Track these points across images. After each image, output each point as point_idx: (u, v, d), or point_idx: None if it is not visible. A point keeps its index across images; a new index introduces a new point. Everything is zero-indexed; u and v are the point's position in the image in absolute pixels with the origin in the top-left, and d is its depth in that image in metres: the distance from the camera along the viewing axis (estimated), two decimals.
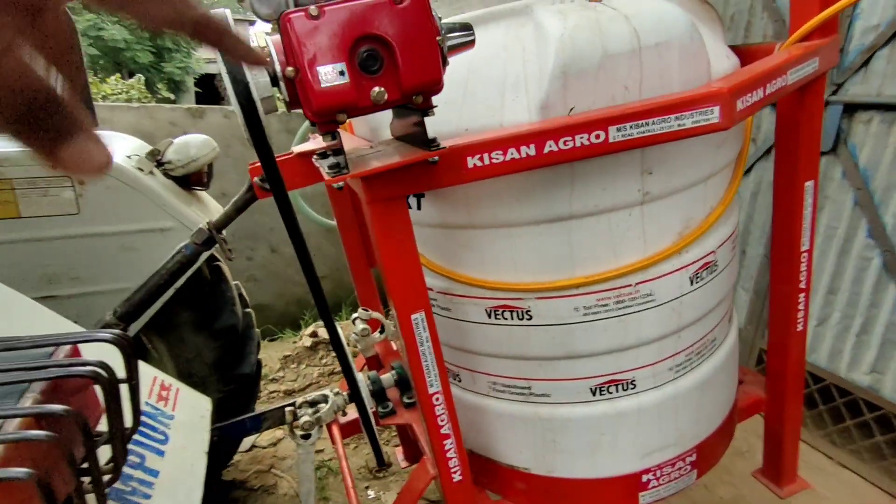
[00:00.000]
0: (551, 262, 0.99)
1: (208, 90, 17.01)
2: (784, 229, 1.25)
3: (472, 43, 0.74)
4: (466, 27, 0.73)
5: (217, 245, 1.65)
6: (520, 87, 0.91)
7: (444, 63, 0.70)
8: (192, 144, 1.71)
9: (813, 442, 2.24)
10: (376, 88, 0.66)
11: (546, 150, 0.81)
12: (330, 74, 0.62)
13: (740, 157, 1.15)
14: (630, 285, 1.00)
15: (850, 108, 2.04)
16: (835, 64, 1.10)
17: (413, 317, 0.91)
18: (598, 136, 0.80)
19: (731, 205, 1.13)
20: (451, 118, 0.95)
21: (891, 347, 1.96)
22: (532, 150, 0.80)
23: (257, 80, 0.62)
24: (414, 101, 0.69)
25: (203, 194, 1.94)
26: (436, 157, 0.76)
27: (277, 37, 0.64)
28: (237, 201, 1.54)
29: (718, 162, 1.02)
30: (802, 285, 1.28)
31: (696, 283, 1.05)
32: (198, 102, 11.50)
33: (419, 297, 0.90)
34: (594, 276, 0.99)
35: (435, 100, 0.72)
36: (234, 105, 0.60)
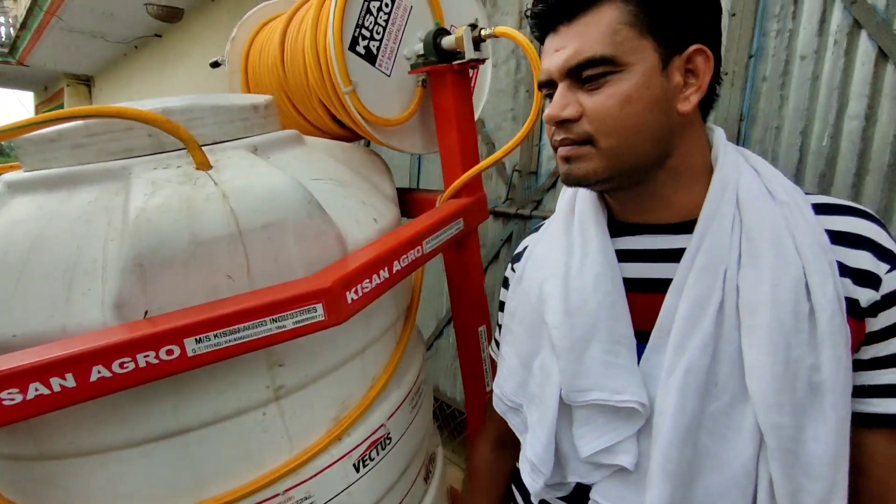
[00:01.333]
0: (169, 487, 0.77)
1: None
2: (469, 370, 1.25)
3: None
4: None
5: None
6: (95, 276, 0.71)
7: None
8: None
9: None
10: None
11: (94, 377, 0.60)
12: None
13: (410, 307, 1.12)
14: (278, 494, 0.82)
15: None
16: (485, 218, 1.17)
17: None
18: (170, 353, 0.63)
19: (405, 361, 1.07)
20: None
21: None
22: (70, 382, 0.59)
23: None
24: None
25: None
26: None
27: None
28: None
29: (373, 331, 0.95)
30: None
31: (366, 465, 0.94)
32: None
33: None
34: (229, 494, 0.79)
35: None
36: None
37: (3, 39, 7.87)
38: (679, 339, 0.59)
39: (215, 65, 1.53)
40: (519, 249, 0.85)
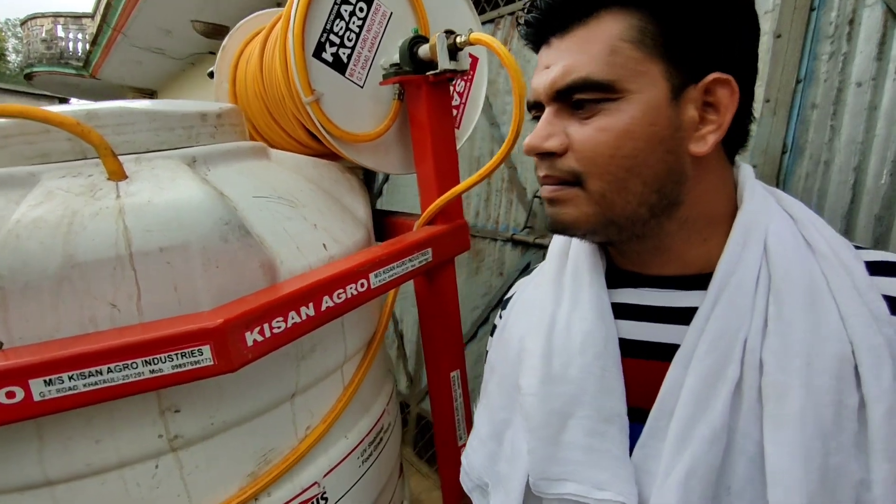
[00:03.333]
0: None
1: None
2: (442, 420, 1.10)
3: None
4: None
5: None
6: None
7: None
8: None
9: None
10: None
11: None
12: None
13: (370, 346, 0.98)
14: None
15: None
16: (465, 248, 1.02)
17: None
18: (11, 395, 0.53)
19: (357, 406, 0.93)
20: None
21: None
22: None
23: None
24: None
25: None
26: None
27: None
28: None
29: (308, 374, 0.82)
30: None
31: None
32: None
33: None
34: None
35: None
36: None
37: (80, 54, 8.44)
38: (682, 427, 0.46)
39: (211, 75, 1.49)
40: (509, 294, 0.72)
